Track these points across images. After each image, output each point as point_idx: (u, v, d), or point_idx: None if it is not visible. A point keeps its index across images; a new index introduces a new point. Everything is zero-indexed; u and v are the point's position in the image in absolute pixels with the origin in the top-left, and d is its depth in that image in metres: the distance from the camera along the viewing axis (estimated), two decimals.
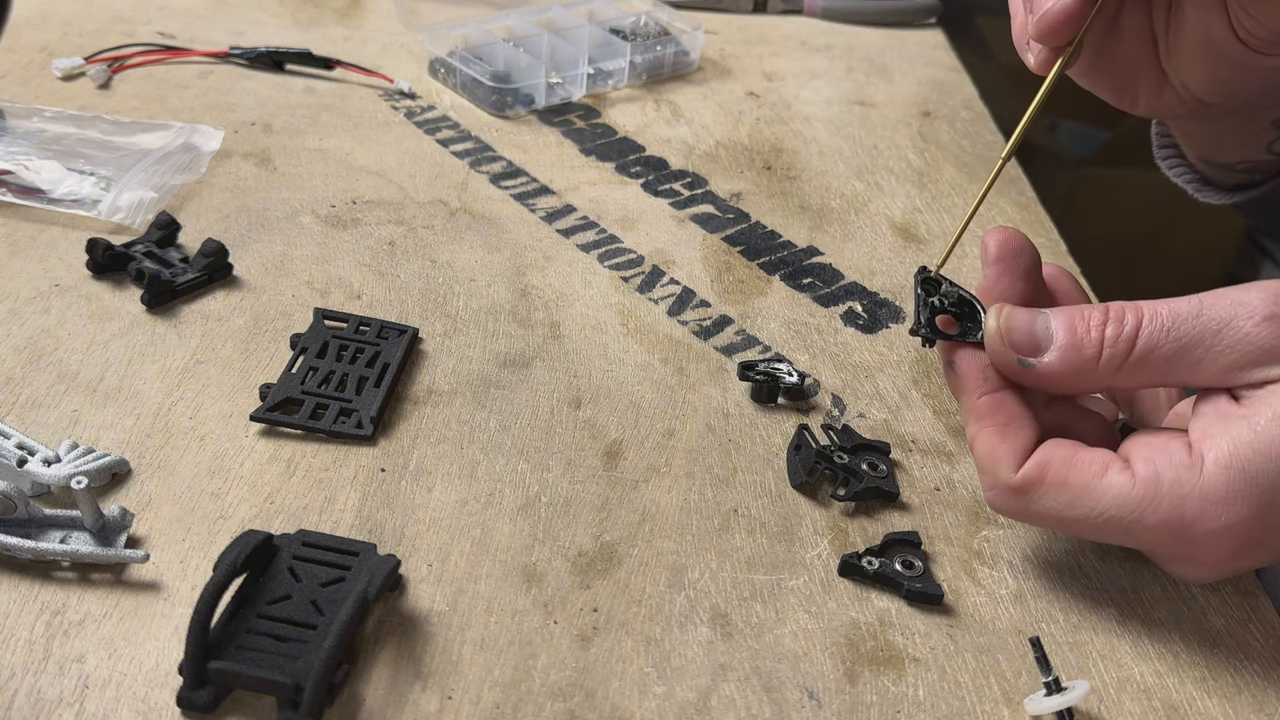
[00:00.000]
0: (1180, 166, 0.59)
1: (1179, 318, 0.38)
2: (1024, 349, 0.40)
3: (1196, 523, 0.36)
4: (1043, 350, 0.39)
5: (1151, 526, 0.37)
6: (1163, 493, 0.37)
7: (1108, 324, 0.39)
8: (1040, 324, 0.40)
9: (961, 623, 0.42)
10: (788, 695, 0.38)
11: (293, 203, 0.62)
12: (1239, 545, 0.37)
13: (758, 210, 0.67)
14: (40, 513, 0.40)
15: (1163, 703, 0.40)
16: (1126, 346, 0.38)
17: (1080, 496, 0.38)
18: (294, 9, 0.86)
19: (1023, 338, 0.40)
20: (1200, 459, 0.37)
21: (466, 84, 0.75)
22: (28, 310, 0.52)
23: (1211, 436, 0.37)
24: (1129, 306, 0.38)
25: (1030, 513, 0.40)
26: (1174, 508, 0.37)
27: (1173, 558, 0.39)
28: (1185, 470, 0.37)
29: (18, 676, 0.36)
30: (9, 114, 0.64)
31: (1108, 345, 0.38)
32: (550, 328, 0.55)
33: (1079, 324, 0.39)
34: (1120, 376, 0.39)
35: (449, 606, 0.40)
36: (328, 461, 0.46)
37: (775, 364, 0.52)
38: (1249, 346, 0.37)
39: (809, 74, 0.85)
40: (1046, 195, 0.72)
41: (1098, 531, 0.39)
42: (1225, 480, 0.36)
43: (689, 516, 0.45)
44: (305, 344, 0.51)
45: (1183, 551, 0.38)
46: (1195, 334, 0.37)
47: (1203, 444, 0.37)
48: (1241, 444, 0.36)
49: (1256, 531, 0.36)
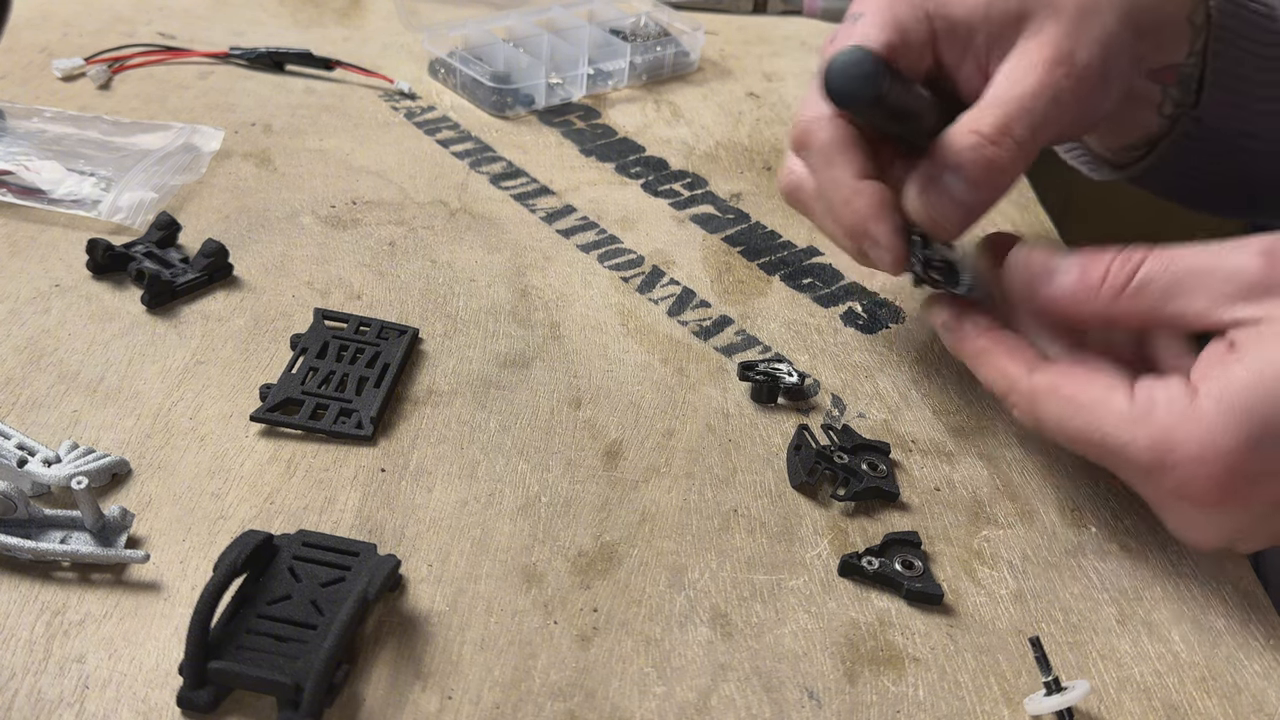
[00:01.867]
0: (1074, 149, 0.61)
1: (1179, 254, 0.40)
2: (1040, 272, 0.43)
3: (1182, 446, 0.38)
4: (1056, 274, 0.43)
5: (1141, 448, 0.39)
6: (1154, 416, 0.39)
7: (1116, 257, 0.42)
8: (1058, 255, 0.43)
9: (961, 623, 0.42)
10: (788, 695, 0.38)
11: (293, 203, 0.62)
12: (1226, 478, 0.38)
13: (758, 210, 0.67)
14: (40, 513, 0.40)
15: (1163, 703, 0.40)
16: (1128, 274, 0.41)
17: (1085, 411, 0.41)
18: (294, 9, 0.86)
19: (1041, 262, 0.43)
20: (1194, 393, 0.39)
21: (466, 84, 0.75)
22: (28, 310, 0.52)
23: (1208, 377, 0.39)
24: (1141, 247, 0.41)
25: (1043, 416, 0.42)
26: (1161, 432, 0.39)
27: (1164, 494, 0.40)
28: (1179, 400, 0.39)
29: (18, 677, 0.36)
30: (9, 114, 0.64)
31: (1112, 273, 0.41)
32: (550, 328, 0.55)
33: (1091, 257, 0.42)
34: (1119, 305, 0.41)
35: (449, 606, 0.40)
36: (328, 462, 0.46)
37: (775, 364, 0.52)
38: (1241, 279, 0.39)
39: (809, 74, 0.85)
40: (1046, 195, 0.72)
41: (1097, 449, 0.41)
42: (1214, 410, 0.38)
43: (689, 516, 0.45)
44: (305, 344, 0.51)
45: (1168, 481, 0.39)
46: (1191, 265, 0.40)
47: (1200, 381, 0.39)
48: (1234, 380, 0.38)
49: (1243, 464, 0.37)
